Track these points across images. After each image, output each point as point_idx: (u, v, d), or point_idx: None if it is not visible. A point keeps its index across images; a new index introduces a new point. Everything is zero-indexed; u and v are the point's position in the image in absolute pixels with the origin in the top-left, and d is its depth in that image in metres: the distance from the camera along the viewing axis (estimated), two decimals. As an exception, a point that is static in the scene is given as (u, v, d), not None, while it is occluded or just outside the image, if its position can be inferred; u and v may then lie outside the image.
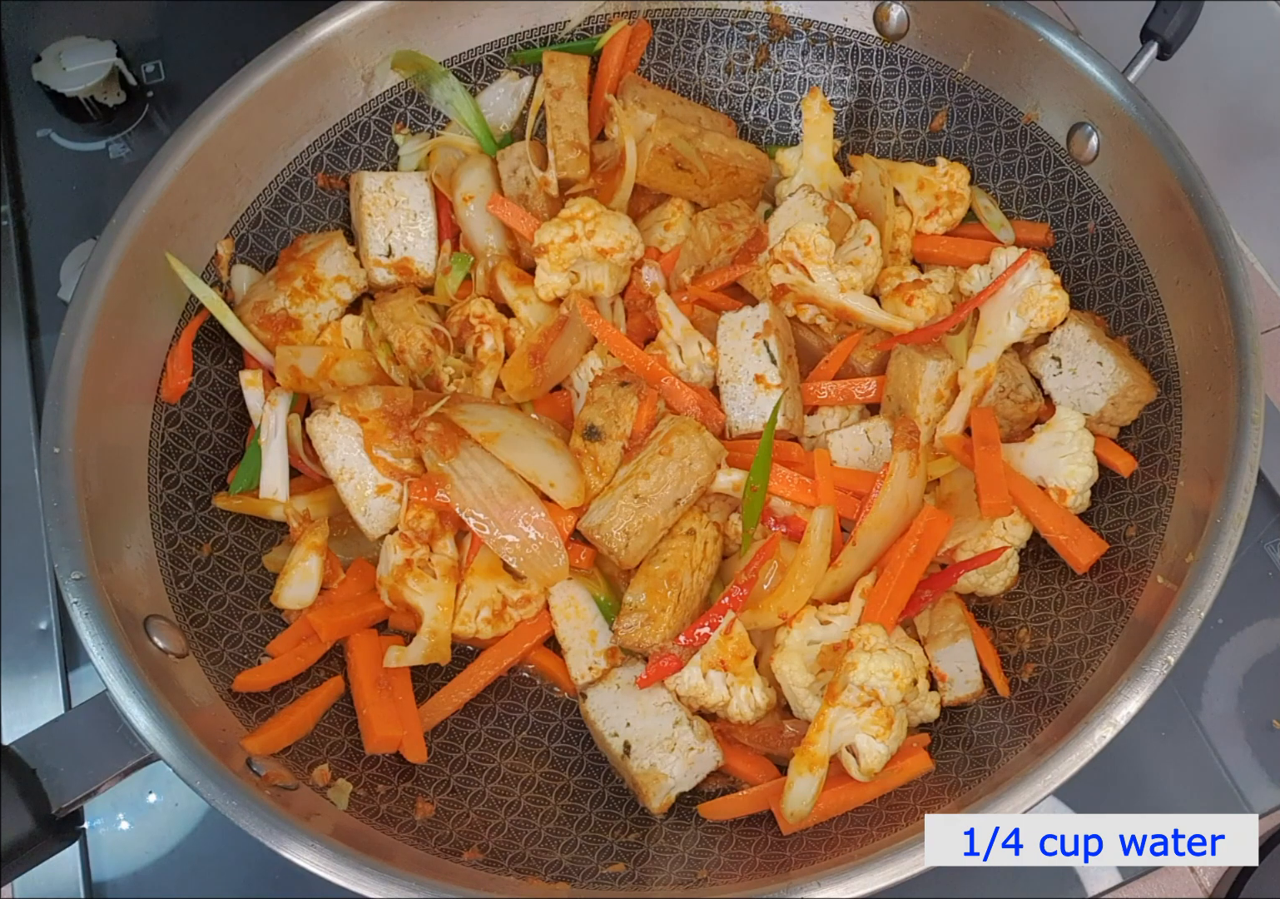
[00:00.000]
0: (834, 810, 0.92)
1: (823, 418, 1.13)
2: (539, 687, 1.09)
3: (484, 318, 1.14)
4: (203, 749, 0.83)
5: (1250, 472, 0.90)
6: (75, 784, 0.82)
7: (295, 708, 0.97)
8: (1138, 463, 1.06)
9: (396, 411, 1.06)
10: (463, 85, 1.23)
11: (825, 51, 1.27)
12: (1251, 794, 1.09)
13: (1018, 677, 1.01)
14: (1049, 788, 0.81)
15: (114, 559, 0.93)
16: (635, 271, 1.14)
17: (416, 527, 1.03)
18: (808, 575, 0.99)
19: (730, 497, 1.08)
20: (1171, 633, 0.85)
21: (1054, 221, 1.19)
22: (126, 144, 1.49)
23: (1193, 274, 1.02)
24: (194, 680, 0.93)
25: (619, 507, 1.01)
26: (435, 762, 1.01)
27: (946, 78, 1.22)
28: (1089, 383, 1.08)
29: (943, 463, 1.07)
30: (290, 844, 0.79)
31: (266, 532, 1.10)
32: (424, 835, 0.92)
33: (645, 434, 1.07)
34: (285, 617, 1.05)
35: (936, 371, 1.07)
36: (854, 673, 0.89)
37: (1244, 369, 0.94)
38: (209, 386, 1.11)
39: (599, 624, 1.06)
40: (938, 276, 1.20)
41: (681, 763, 0.96)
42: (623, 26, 1.24)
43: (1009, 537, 1.05)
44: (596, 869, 0.93)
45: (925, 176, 1.21)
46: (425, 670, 1.04)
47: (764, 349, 1.08)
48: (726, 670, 0.97)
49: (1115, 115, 1.09)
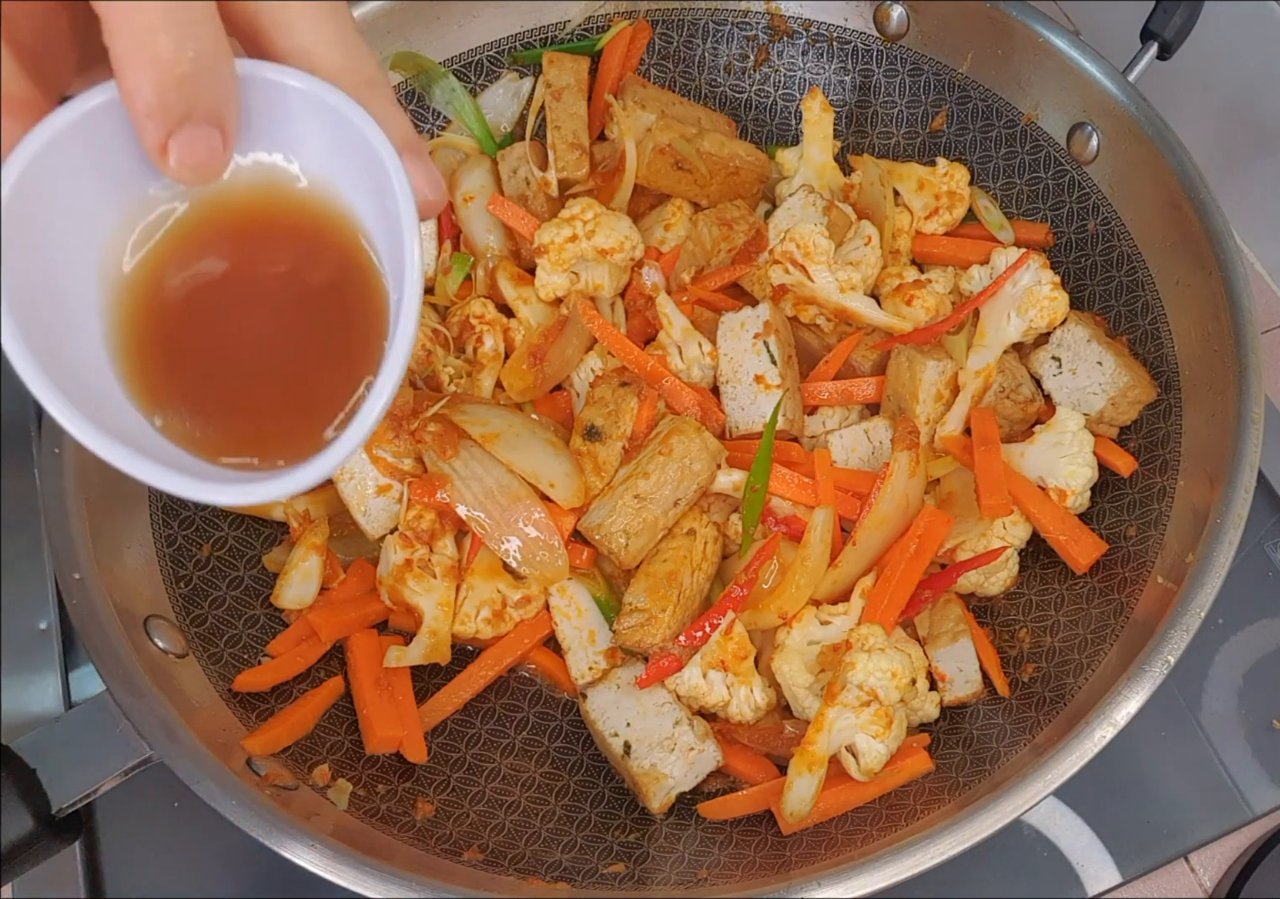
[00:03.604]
0: (834, 810, 0.92)
1: (823, 418, 1.13)
2: (539, 687, 1.09)
3: (484, 318, 1.14)
4: (203, 749, 0.83)
5: (1250, 471, 0.90)
6: (75, 784, 0.82)
7: (295, 708, 0.97)
8: (1138, 463, 1.06)
9: (396, 412, 1.06)
10: (463, 85, 1.23)
11: (825, 51, 1.27)
12: (1251, 794, 1.09)
13: (1018, 677, 1.01)
14: (1049, 788, 0.81)
15: (114, 559, 0.93)
16: (635, 272, 1.14)
17: (416, 527, 1.04)
18: (808, 575, 0.99)
19: (730, 496, 1.08)
20: (1171, 633, 0.85)
21: (1054, 221, 1.19)
22: (126, 144, 1.49)
23: (1193, 274, 1.02)
24: (194, 680, 0.93)
25: (619, 507, 1.01)
26: (435, 762, 1.01)
27: (946, 78, 1.22)
28: (1089, 383, 1.08)
29: (943, 463, 1.07)
30: (290, 844, 0.79)
31: (266, 532, 1.10)
32: (424, 835, 0.92)
33: (645, 434, 1.07)
34: (285, 617, 1.05)
35: (936, 372, 1.07)
36: (853, 673, 0.89)
37: (1244, 369, 0.94)
38: (209, 387, 1.11)
39: (599, 624, 1.06)
40: (938, 277, 1.20)
41: (681, 763, 0.96)
42: (623, 27, 1.24)
43: (1009, 537, 1.05)
44: (596, 869, 0.93)
45: (925, 176, 1.21)
46: (425, 670, 1.04)
47: (764, 349, 1.08)
48: (726, 670, 0.97)
49: (1115, 115, 1.09)
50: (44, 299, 0.49)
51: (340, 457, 0.49)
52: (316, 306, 0.53)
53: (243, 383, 0.53)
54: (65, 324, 0.50)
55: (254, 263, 0.53)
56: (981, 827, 0.80)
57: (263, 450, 0.52)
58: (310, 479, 0.49)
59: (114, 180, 0.51)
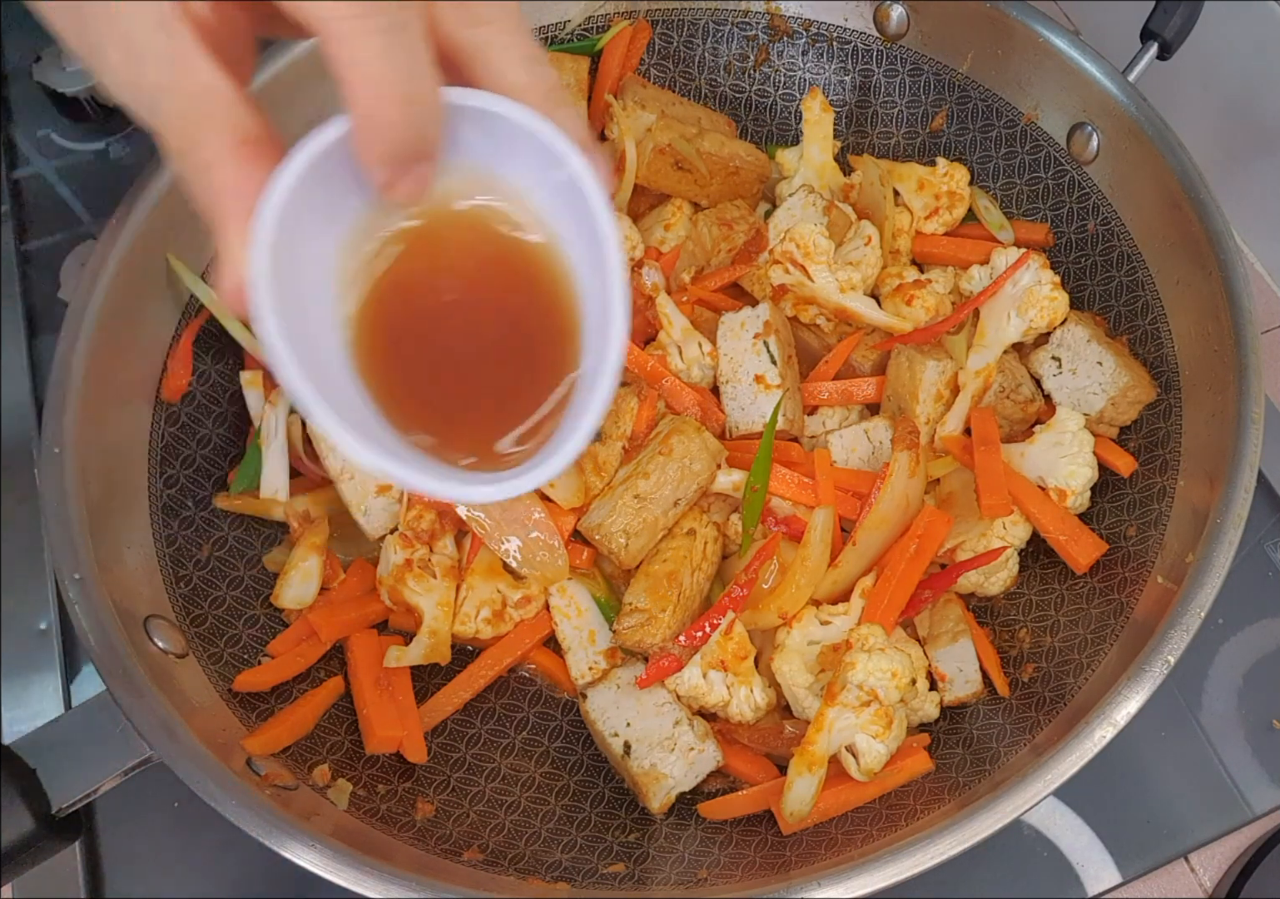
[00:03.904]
0: (834, 810, 0.92)
1: (823, 418, 1.13)
2: (539, 687, 1.09)
3: (484, 318, 1.14)
4: (203, 749, 0.83)
5: (1250, 471, 0.90)
6: (75, 784, 0.82)
7: (295, 708, 0.97)
8: (1138, 463, 1.06)
9: (397, 412, 1.06)
10: (463, 85, 1.23)
11: (825, 51, 1.27)
12: (1251, 794, 1.09)
13: (1018, 677, 1.01)
14: (1049, 788, 0.81)
15: (114, 559, 0.93)
16: (635, 272, 1.14)
17: (417, 527, 1.03)
18: (808, 575, 0.99)
19: (730, 496, 1.08)
20: (1171, 633, 0.85)
21: (1054, 221, 1.19)
22: (126, 144, 1.49)
23: (1193, 274, 1.02)
24: (194, 680, 0.93)
25: (619, 507, 1.01)
26: (435, 762, 1.01)
27: (946, 78, 1.22)
28: (1089, 383, 1.08)
29: (943, 463, 1.07)
30: (290, 844, 0.79)
31: (266, 532, 1.10)
32: (424, 835, 0.92)
33: (645, 434, 1.07)
34: (285, 617, 1.05)
35: (936, 372, 1.07)
36: (853, 672, 0.89)
37: (1244, 369, 0.94)
38: (209, 386, 1.11)
39: (599, 624, 1.06)
40: (938, 276, 1.20)
41: (681, 763, 0.96)
42: (623, 27, 1.24)
43: (1009, 537, 1.05)
44: (596, 869, 0.93)
45: (925, 176, 1.21)
46: (425, 670, 1.04)
47: (764, 349, 1.08)
48: (726, 670, 0.97)
49: (1115, 115, 1.09)
50: (302, 338, 0.52)
51: (576, 448, 0.54)
52: (514, 324, 0.58)
53: (459, 397, 0.58)
54: (321, 356, 0.54)
55: (460, 287, 0.58)
56: (981, 827, 0.80)
57: (484, 452, 0.57)
58: (555, 470, 0.54)
59: (335, 211, 0.55)
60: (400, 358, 0.57)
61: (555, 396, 0.57)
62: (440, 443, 0.57)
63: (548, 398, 0.57)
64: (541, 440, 0.56)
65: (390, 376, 0.57)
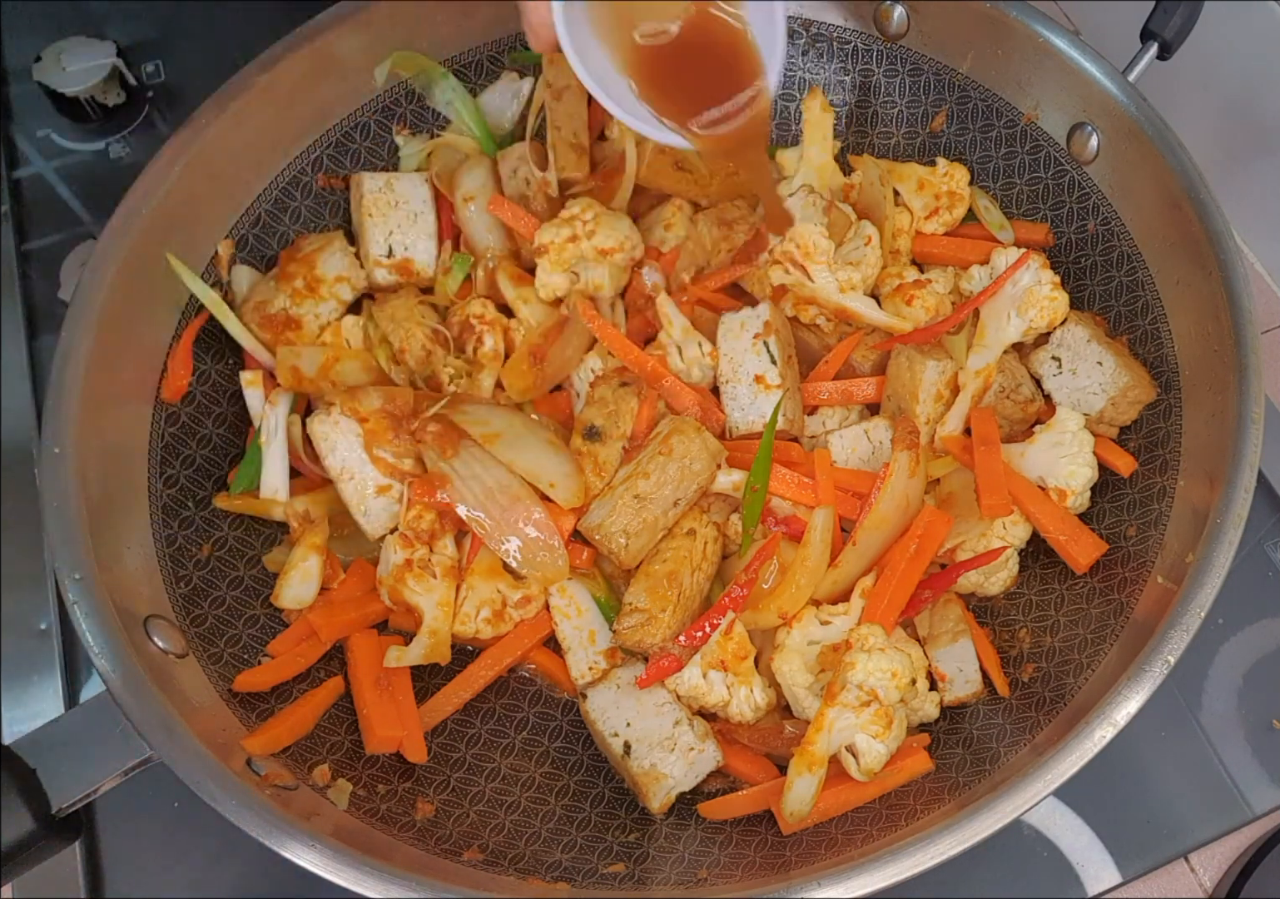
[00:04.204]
0: (834, 810, 0.92)
1: (823, 418, 1.13)
2: (539, 687, 1.09)
3: (484, 318, 1.14)
4: (203, 749, 0.83)
5: (1250, 471, 0.90)
6: (75, 784, 0.82)
7: (295, 708, 0.97)
8: (1138, 463, 1.06)
9: (397, 412, 1.06)
10: (463, 85, 1.23)
11: (825, 51, 1.27)
12: (1251, 794, 1.09)
13: (1018, 677, 1.01)
14: (1049, 788, 0.81)
15: (114, 559, 0.93)
16: (635, 272, 1.14)
17: (416, 527, 1.04)
18: (808, 575, 0.99)
19: (730, 497, 1.08)
20: (1171, 633, 0.85)
21: (1054, 221, 1.19)
22: (126, 144, 1.49)
23: (1193, 274, 1.02)
24: (194, 680, 0.93)
25: (619, 507, 1.01)
26: (435, 762, 1.01)
27: (946, 78, 1.22)
28: (1089, 383, 1.08)
29: (943, 463, 1.07)
30: (290, 844, 0.79)
31: (266, 532, 1.10)
32: (424, 835, 0.92)
33: (645, 434, 1.07)
34: (285, 617, 1.05)
35: (936, 372, 1.07)
36: (852, 672, 0.89)
37: (1244, 369, 0.94)
38: (209, 386, 1.11)
39: (599, 624, 1.06)
40: (938, 277, 1.20)
41: (681, 763, 0.96)
42: (623, 26, 1.24)
43: (1009, 537, 1.05)
44: (596, 869, 0.93)
45: (925, 176, 1.21)
46: (425, 670, 1.04)
47: (764, 349, 1.08)
48: (726, 670, 0.97)
49: (1115, 115, 1.09)
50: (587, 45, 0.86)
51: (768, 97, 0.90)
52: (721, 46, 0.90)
53: (683, 87, 0.90)
54: (598, 60, 0.88)
55: (695, 34, 0.89)
56: (981, 827, 0.80)
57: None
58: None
59: None
60: (653, 66, 0.89)
61: (745, 95, 0.89)
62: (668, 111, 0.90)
63: (743, 92, 0.90)
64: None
65: (643, 72, 0.89)
